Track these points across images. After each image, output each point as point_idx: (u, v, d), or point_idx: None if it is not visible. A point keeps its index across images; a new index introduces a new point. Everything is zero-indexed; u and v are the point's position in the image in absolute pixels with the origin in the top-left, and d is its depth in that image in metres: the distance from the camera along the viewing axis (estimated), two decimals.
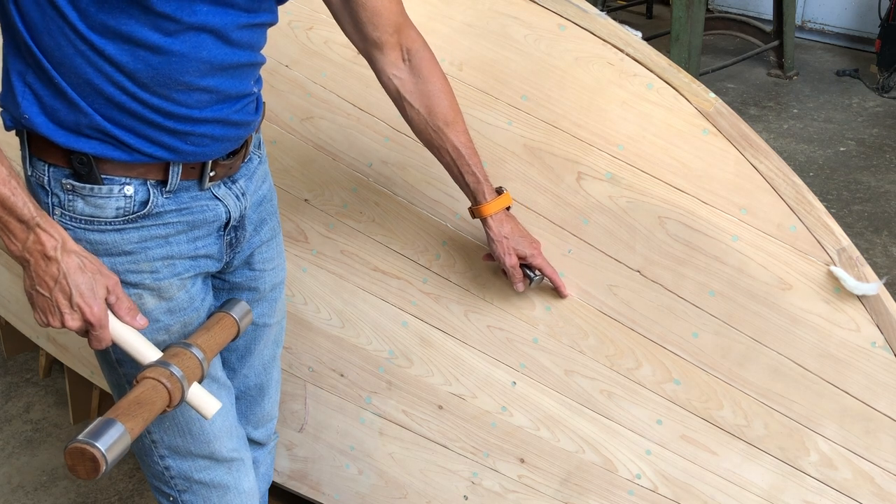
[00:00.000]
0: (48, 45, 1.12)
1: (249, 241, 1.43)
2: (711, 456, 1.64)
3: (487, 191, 1.54)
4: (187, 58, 1.15)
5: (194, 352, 1.23)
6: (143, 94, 1.16)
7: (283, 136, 1.90)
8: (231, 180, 1.34)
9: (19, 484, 2.35)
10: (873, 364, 1.54)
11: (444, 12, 1.83)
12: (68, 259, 1.14)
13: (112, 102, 1.16)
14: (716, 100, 1.65)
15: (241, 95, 1.27)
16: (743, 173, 1.61)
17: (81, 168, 1.18)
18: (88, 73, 1.13)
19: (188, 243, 1.29)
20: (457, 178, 1.54)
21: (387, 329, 1.81)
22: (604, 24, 1.72)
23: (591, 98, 1.71)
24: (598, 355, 1.68)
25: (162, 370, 1.17)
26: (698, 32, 4.36)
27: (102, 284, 1.17)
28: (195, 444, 1.40)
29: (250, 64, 1.26)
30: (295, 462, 1.91)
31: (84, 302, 1.15)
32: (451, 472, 1.79)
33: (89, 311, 1.16)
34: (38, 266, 1.14)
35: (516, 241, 1.58)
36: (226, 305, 1.37)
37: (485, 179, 1.53)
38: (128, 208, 1.22)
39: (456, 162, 1.51)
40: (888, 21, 5.13)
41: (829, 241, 1.56)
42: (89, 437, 1.06)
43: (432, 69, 1.46)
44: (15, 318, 2.45)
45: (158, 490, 1.47)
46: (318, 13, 1.91)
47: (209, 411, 1.24)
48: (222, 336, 1.32)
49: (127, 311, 1.21)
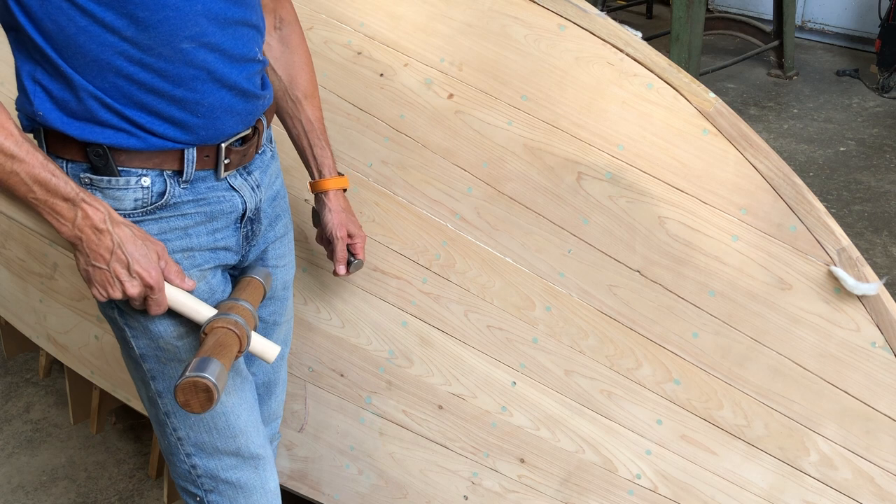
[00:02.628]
0: (51, 31, 1.14)
1: (265, 235, 1.46)
2: (711, 456, 1.64)
3: (332, 167, 1.58)
4: (182, 11, 1.17)
5: (245, 304, 1.31)
6: (149, 59, 1.17)
7: (284, 137, 1.90)
8: (247, 171, 1.36)
9: (19, 484, 2.35)
10: (873, 364, 1.54)
11: (444, 12, 1.83)
12: (119, 230, 1.18)
13: (120, 76, 1.17)
14: (716, 100, 1.65)
15: (245, 59, 1.28)
16: (743, 173, 1.61)
17: (98, 160, 1.20)
18: (93, 50, 1.15)
19: (207, 235, 1.31)
20: (304, 150, 1.58)
21: (387, 329, 1.81)
22: (604, 24, 1.72)
23: (591, 98, 1.71)
24: (598, 355, 1.68)
25: (228, 318, 1.25)
26: (698, 32, 4.36)
27: (153, 250, 1.21)
28: (221, 440, 1.40)
29: (246, 22, 1.28)
30: (295, 462, 1.91)
31: (142, 268, 1.19)
32: (451, 472, 1.79)
33: (148, 276, 1.20)
34: (90, 241, 1.17)
35: (349, 219, 1.62)
36: (246, 271, 1.44)
37: (332, 156, 1.58)
38: (146, 199, 1.24)
39: (308, 134, 1.56)
40: (888, 21, 5.13)
41: (829, 241, 1.56)
42: (197, 371, 1.14)
43: (300, 43, 1.54)
44: (15, 318, 2.45)
45: (185, 490, 1.47)
46: (317, 13, 1.91)
47: (271, 355, 1.31)
48: (257, 294, 1.39)
49: (176, 275, 1.25)
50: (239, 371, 1.40)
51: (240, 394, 1.40)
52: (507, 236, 1.74)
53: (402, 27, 1.86)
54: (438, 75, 1.80)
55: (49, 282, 2.23)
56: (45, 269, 2.22)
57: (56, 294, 2.23)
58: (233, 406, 1.39)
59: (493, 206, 1.75)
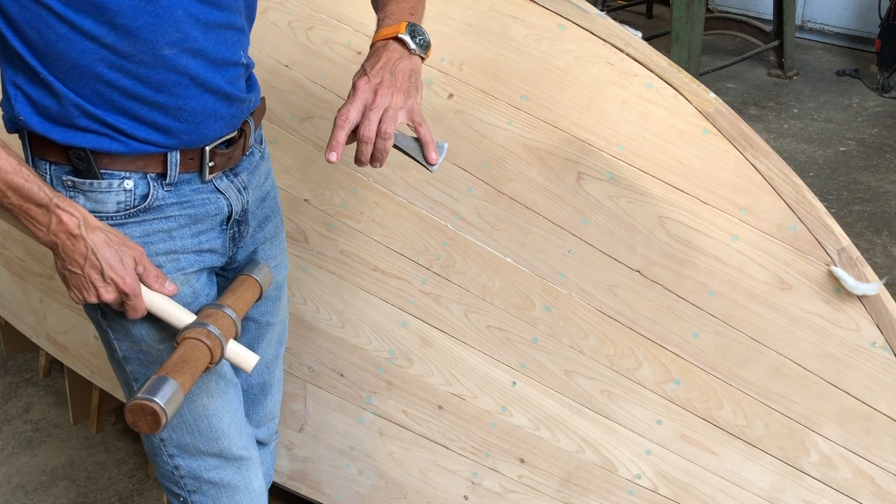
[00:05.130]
0: (31, 37, 1.13)
1: (253, 236, 1.45)
2: (711, 456, 1.64)
3: (397, 19, 1.29)
4: (162, 18, 1.15)
5: (227, 311, 1.28)
6: (130, 66, 1.16)
7: (283, 136, 1.90)
8: (233, 173, 1.34)
9: (19, 484, 2.35)
10: (873, 364, 1.54)
11: (444, 12, 1.83)
12: (93, 235, 1.17)
13: (102, 82, 1.16)
14: (716, 100, 1.65)
15: (228, 63, 1.26)
16: (743, 173, 1.61)
17: (80, 163, 1.20)
18: (74, 56, 1.14)
19: (191, 237, 1.30)
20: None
21: (387, 329, 1.81)
22: (604, 24, 1.72)
23: (591, 98, 1.71)
24: (598, 355, 1.68)
25: (200, 329, 1.22)
26: (698, 32, 4.35)
27: (130, 255, 1.20)
28: (204, 442, 1.40)
29: (230, 26, 1.25)
30: (295, 462, 1.91)
31: (115, 274, 1.18)
32: (451, 472, 1.79)
33: (122, 283, 1.19)
34: (65, 246, 1.17)
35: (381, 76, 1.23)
36: (246, 268, 1.42)
37: (406, 10, 1.31)
38: (128, 202, 1.23)
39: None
40: (888, 21, 5.13)
41: (829, 241, 1.56)
42: (147, 394, 1.12)
43: None
44: (15, 318, 2.45)
45: (169, 491, 1.47)
46: (317, 13, 1.91)
47: (248, 364, 1.28)
48: (248, 296, 1.36)
49: (155, 280, 1.24)
50: (223, 374, 1.40)
51: (223, 397, 1.40)
52: (507, 236, 1.74)
53: None
54: (438, 75, 1.80)
55: (49, 282, 2.23)
56: (45, 269, 2.22)
57: (56, 294, 2.23)
58: (215, 409, 1.39)
59: (493, 206, 1.75)
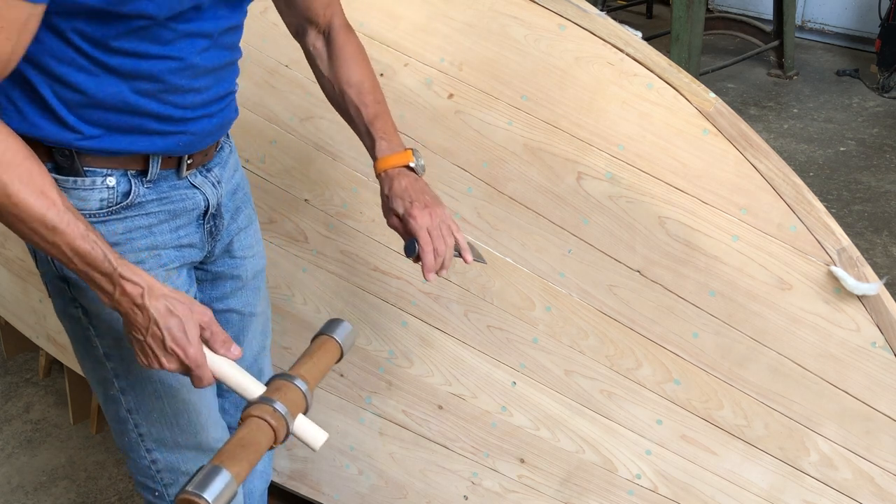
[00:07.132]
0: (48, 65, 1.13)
1: (227, 228, 1.46)
2: (711, 456, 1.64)
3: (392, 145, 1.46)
4: (184, 63, 1.19)
5: (298, 384, 1.21)
6: (142, 101, 1.18)
7: (283, 136, 1.90)
8: (206, 169, 1.37)
9: (19, 484, 2.35)
10: (873, 364, 1.54)
11: (444, 12, 1.83)
12: (157, 303, 1.13)
13: (114, 110, 1.18)
14: (716, 100, 1.65)
15: (228, 93, 1.32)
16: (743, 173, 1.61)
17: (63, 161, 1.20)
18: (91, 88, 1.15)
19: (171, 233, 1.31)
20: (361, 136, 1.49)
21: (387, 329, 1.81)
22: (604, 24, 1.72)
23: (591, 98, 1.71)
24: (598, 355, 1.68)
25: (265, 407, 1.15)
26: (698, 32, 4.35)
27: (195, 323, 1.16)
28: (183, 436, 1.41)
29: (233, 62, 1.32)
30: (294, 462, 1.91)
31: (177, 345, 1.14)
32: (451, 472, 1.79)
33: (183, 355, 1.15)
34: (129, 314, 1.14)
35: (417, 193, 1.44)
36: (327, 327, 1.35)
37: (391, 133, 1.46)
38: (111, 199, 1.24)
39: (357, 119, 1.48)
40: (888, 21, 5.13)
41: (829, 241, 1.56)
42: (197, 489, 1.05)
43: (346, 43, 1.49)
44: (15, 318, 2.45)
45: (143, 485, 1.48)
46: None
47: (317, 443, 1.20)
48: (325, 360, 1.30)
49: (222, 344, 1.19)
50: None
51: (201, 391, 1.40)
52: (507, 236, 1.74)
53: (401, 27, 1.86)
54: (438, 75, 1.80)
55: None
56: None
57: None
58: (194, 403, 1.40)
59: (493, 206, 1.75)
